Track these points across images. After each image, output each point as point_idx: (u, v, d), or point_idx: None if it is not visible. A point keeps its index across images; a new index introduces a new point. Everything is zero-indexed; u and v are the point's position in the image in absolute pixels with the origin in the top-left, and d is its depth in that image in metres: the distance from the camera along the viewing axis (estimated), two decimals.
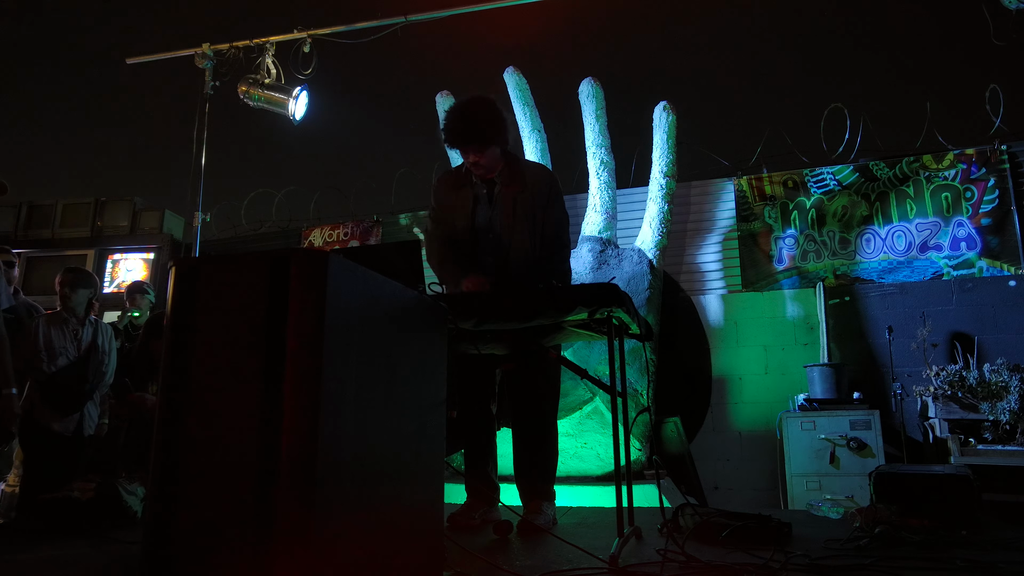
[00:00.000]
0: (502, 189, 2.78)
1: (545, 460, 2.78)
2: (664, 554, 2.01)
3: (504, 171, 2.80)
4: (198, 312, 1.43)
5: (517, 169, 2.83)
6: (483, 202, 2.81)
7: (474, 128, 2.64)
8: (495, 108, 2.73)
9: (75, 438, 3.81)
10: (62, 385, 3.77)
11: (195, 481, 1.34)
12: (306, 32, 4.61)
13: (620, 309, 2.26)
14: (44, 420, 3.71)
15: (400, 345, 1.70)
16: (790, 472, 4.34)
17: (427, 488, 1.79)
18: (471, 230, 2.80)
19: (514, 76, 5.52)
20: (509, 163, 2.83)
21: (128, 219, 6.82)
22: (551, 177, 2.91)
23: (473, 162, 2.72)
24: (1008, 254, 4.69)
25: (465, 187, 2.84)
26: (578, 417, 4.14)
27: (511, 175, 2.80)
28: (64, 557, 2.19)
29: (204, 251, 4.55)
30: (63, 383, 3.77)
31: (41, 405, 3.72)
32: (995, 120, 4.82)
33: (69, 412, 3.79)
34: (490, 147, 2.70)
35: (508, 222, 2.75)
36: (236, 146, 8.95)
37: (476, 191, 2.82)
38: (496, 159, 2.76)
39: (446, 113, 2.73)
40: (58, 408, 3.76)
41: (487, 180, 2.81)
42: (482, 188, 2.82)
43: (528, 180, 2.80)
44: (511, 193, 2.77)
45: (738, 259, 5.33)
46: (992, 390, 4.03)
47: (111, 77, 9.61)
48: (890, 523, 2.31)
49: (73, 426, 3.80)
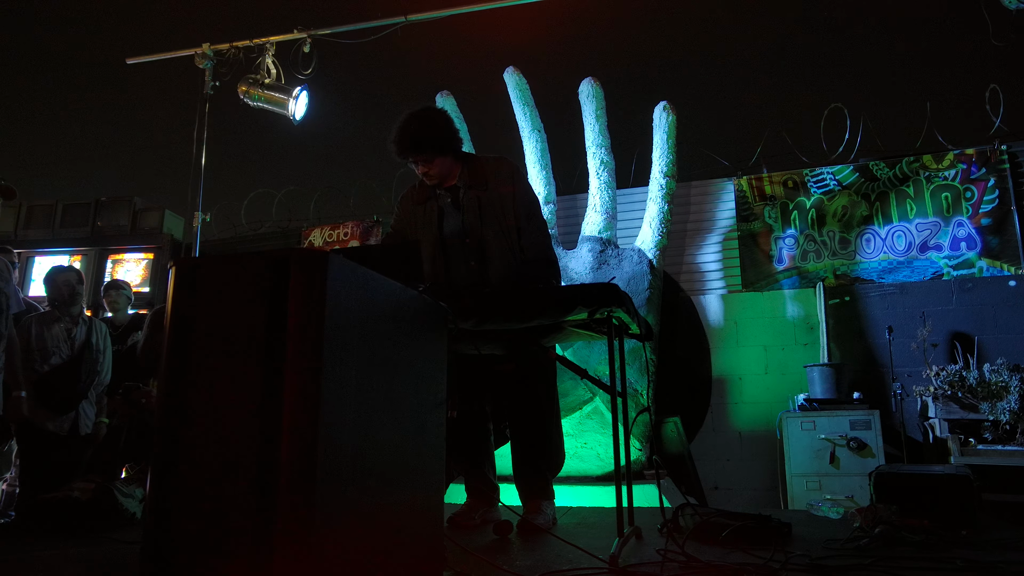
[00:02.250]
0: (466, 192, 2.79)
1: (544, 460, 2.78)
2: (664, 554, 2.01)
3: (464, 174, 2.80)
4: (198, 312, 1.43)
5: (477, 168, 2.83)
6: (450, 211, 2.81)
7: (415, 139, 2.68)
8: (437, 118, 2.76)
9: (70, 438, 3.79)
10: (55, 384, 3.74)
11: (195, 481, 1.34)
12: (306, 32, 4.62)
13: (620, 309, 2.26)
14: (38, 420, 3.70)
15: (400, 345, 1.69)
16: (790, 472, 4.34)
17: (427, 488, 1.79)
18: (440, 242, 2.80)
19: (514, 76, 5.52)
20: (469, 165, 2.82)
21: (128, 219, 6.81)
22: (510, 165, 2.88)
23: (423, 172, 2.76)
24: (1008, 254, 4.69)
25: (430, 200, 2.84)
26: (578, 417, 4.14)
27: (472, 176, 2.80)
28: (64, 557, 2.19)
29: (204, 251, 4.55)
30: (56, 382, 3.74)
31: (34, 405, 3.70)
32: (995, 120, 4.82)
33: (63, 411, 3.77)
34: (436, 156, 2.72)
35: (479, 225, 2.75)
36: (236, 146, 8.95)
37: (441, 202, 2.82)
38: (448, 166, 2.77)
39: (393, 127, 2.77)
40: (52, 407, 3.73)
41: (450, 188, 2.81)
42: (446, 197, 2.82)
43: (490, 177, 2.80)
44: (475, 195, 2.77)
45: (738, 259, 5.33)
46: (992, 390, 4.03)
47: (111, 77, 9.61)
48: (890, 523, 2.31)
49: (68, 425, 3.78)
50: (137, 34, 9.60)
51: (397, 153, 2.74)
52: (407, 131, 2.70)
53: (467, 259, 2.76)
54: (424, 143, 2.69)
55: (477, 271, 2.74)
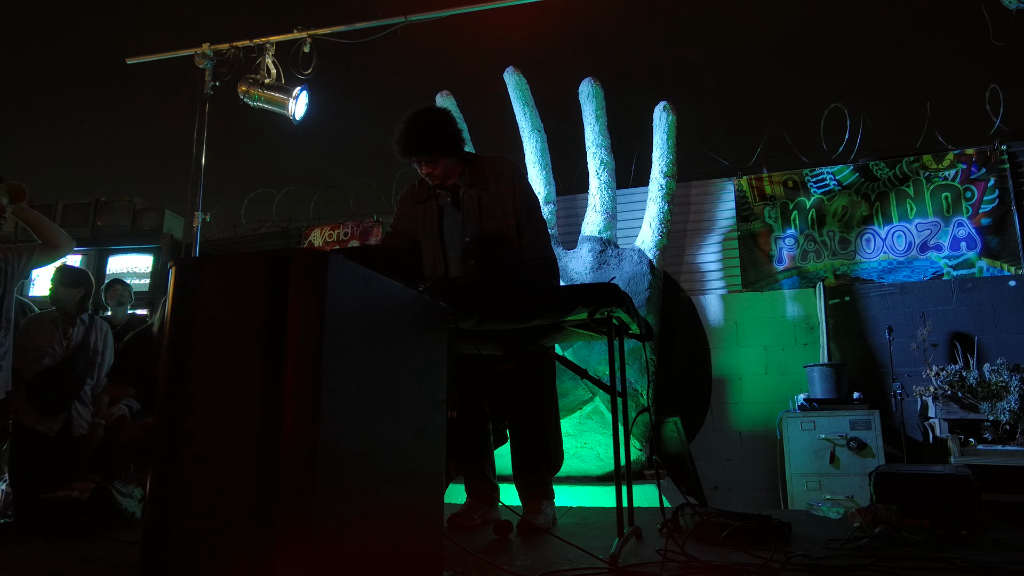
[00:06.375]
0: (466, 192, 2.79)
1: (544, 460, 2.78)
2: (664, 554, 2.01)
3: (465, 174, 2.80)
4: (198, 312, 1.43)
5: (478, 168, 2.82)
6: (449, 210, 2.81)
7: (419, 140, 2.67)
8: (440, 118, 2.75)
9: (60, 439, 3.73)
10: (45, 385, 3.71)
11: (195, 481, 1.34)
12: (306, 32, 4.61)
13: (620, 309, 2.26)
14: (28, 421, 3.67)
15: (400, 345, 1.69)
16: (790, 472, 4.34)
17: (427, 488, 1.79)
18: (440, 241, 2.79)
19: (514, 76, 5.52)
20: (469, 165, 2.82)
21: (128, 219, 6.81)
22: (510, 165, 2.88)
23: (427, 172, 2.75)
24: (1008, 254, 4.69)
25: (430, 199, 2.84)
26: (578, 417, 4.14)
27: (472, 176, 2.79)
28: (63, 557, 2.19)
29: (204, 251, 4.55)
30: (46, 383, 3.71)
31: (25, 406, 3.68)
32: (995, 120, 4.82)
33: (53, 413, 3.72)
34: (440, 157, 2.72)
35: (479, 224, 2.75)
36: (236, 146, 8.95)
37: (440, 202, 2.82)
38: (450, 166, 2.76)
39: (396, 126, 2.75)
40: (42, 408, 3.70)
41: (450, 187, 2.81)
42: (446, 197, 2.81)
43: (490, 176, 2.80)
44: (474, 194, 2.77)
45: (738, 259, 5.33)
46: (992, 390, 4.03)
47: (111, 77, 9.61)
48: (890, 523, 2.31)
49: (58, 427, 3.72)
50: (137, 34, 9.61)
51: (401, 153, 2.73)
52: (411, 131, 2.68)
53: (466, 258, 2.75)
54: (429, 144, 2.68)
55: (476, 270, 2.73)
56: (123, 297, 4.70)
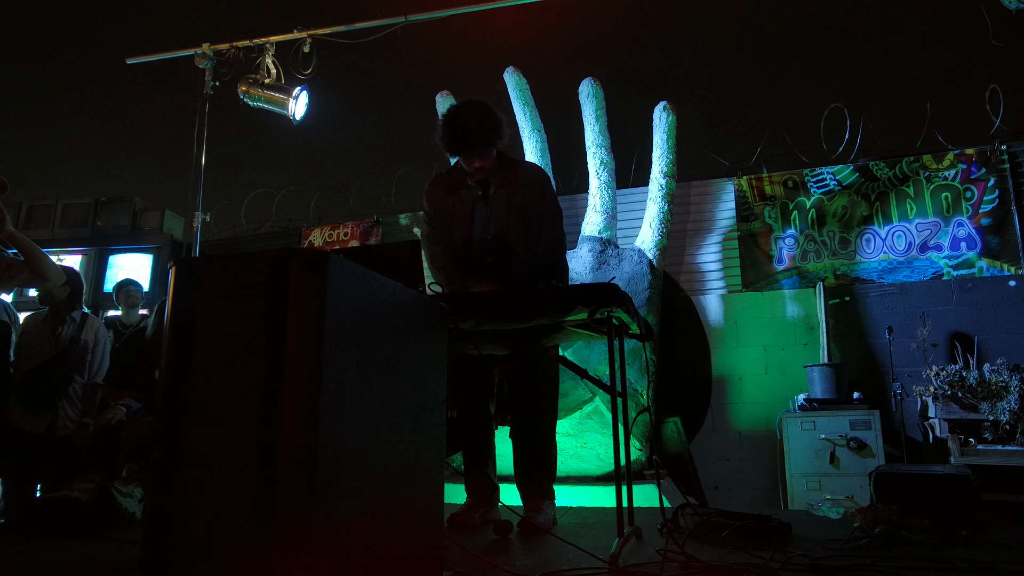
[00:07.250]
0: (497, 189, 2.77)
1: (545, 460, 2.78)
2: (664, 554, 2.01)
3: (498, 171, 2.78)
4: (198, 312, 1.43)
5: (511, 168, 2.82)
6: (479, 204, 2.80)
7: (477, 133, 2.62)
8: (492, 110, 2.72)
9: (46, 439, 3.68)
10: (32, 384, 3.69)
11: (195, 481, 1.34)
12: (306, 32, 4.61)
13: (620, 309, 2.26)
14: (15, 420, 3.65)
15: (400, 345, 1.69)
16: (790, 472, 4.34)
17: (427, 488, 1.79)
18: (470, 232, 2.79)
19: (514, 76, 5.52)
20: (503, 162, 2.81)
21: (128, 219, 6.81)
22: (543, 175, 2.90)
23: (479, 166, 2.70)
24: (1008, 254, 4.69)
25: (460, 190, 2.81)
26: (578, 417, 4.14)
27: (505, 174, 2.78)
28: (63, 557, 2.19)
29: (204, 251, 4.55)
30: (34, 382, 3.69)
31: (14, 405, 3.66)
32: (995, 120, 4.82)
33: (41, 411, 3.68)
34: (493, 151, 2.71)
35: (504, 223, 2.74)
36: (236, 146, 8.95)
37: (472, 193, 2.80)
38: (494, 160, 2.76)
39: (443, 120, 2.69)
40: (30, 407, 3.67)
41: (482, 181, 2.79)
42: (477, 190, 2.80)
43: (522, 179, 2.80)
44: (506, 193, 2.76)
45: (738, 259, 5.33)
46: (992, 390, 4.03)
47: (111, 77, 9.60)
48: (890, 523, 2.31)
49: (44, 426, 3.67)
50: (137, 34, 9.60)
51: (459, 148, 2.65)
52: (470, 126, 2.61)
53: (485, 255, 2.75)
54: (488, 136, 2.63)
55: (493, 267, 2.73)
56: (134, 299, 4.69)
